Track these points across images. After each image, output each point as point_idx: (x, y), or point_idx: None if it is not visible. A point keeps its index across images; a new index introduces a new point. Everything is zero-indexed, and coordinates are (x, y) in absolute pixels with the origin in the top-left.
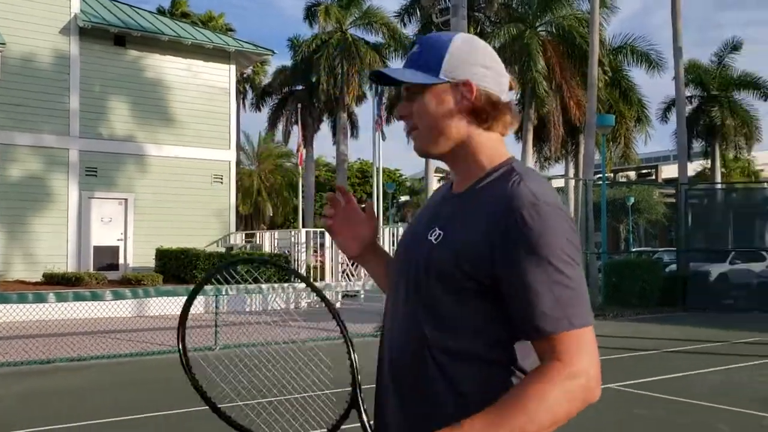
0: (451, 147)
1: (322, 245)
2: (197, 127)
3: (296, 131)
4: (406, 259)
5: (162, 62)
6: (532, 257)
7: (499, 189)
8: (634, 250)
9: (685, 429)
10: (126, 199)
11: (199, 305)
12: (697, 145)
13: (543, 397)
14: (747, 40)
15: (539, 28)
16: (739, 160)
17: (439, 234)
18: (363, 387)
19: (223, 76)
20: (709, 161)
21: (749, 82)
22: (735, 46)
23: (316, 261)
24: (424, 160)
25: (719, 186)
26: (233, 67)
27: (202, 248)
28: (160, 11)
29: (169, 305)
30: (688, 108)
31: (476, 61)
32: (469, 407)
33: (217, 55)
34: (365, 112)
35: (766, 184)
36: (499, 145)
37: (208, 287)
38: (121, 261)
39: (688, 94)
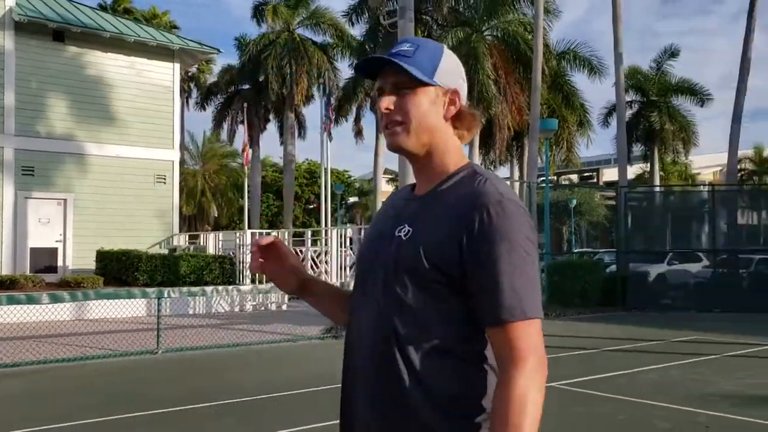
0: (429, 148)
1: None
2: (140, 126)
3: (242, 131)
4: (373, 259)
5: (103, 59)
6: (495, 250)
7: (465, 188)
8: (576, 251)
9: (623, 426)
10: (65, 200)
11: (140, 308)
12: (637, 149)
13: (527, 412)
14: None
15: (485, 33)
16: (677, 164)
17: (408, 231)
18: (320, 388)
19: (166, 74)
20: (649, 165)
21: (687, 88)
22: (673, 53)
23: None
24: (373, 161)
25: (657, 189)
26: (177, 66)
27: (145, 250)
28: (102, 7)
29: (111, 308)
30: (629, 113)
31: (459, 73)
32: (438, 402)
33: (161, 53)
34: (313, 112)
35: (702, 187)
36: (461, 151)
37: (150, 290)
38: (59, 263)
39: (629, 100)
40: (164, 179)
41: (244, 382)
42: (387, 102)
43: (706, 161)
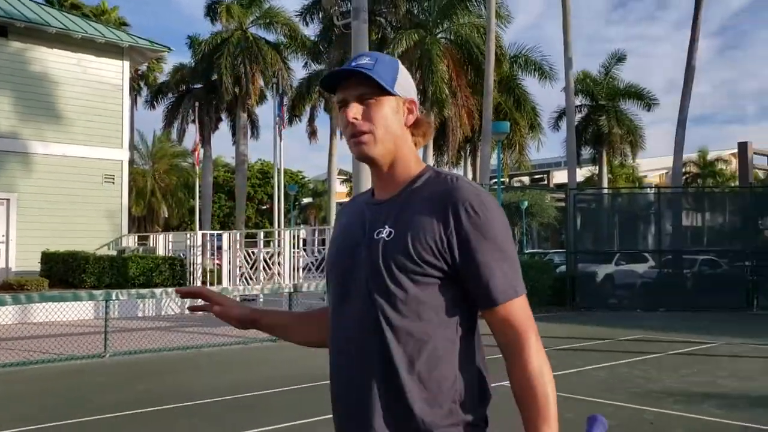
0: (394, 154)
1: (219, 248)
2: (87, 124)
3: (193, 130)
4: (351, 265)
5: (49, 56)
6: (483, 239)
7: (437, 186)
8: (527, 251)
9: (571, 423)
10: (8, 200)
11: (88, 311)
12: (586, 152)
13: (547, 382)
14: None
15: (439, 35)
16: (625, 167)
17: (390, 231)
18: (272, 391)
19: (115, 72)
20: (597, 167)
21: (634, 93)
22: (620, 58)
23: (213, 264)
24: (327, 162)
25: (606, 191)
26: (127, 63)
27: (92, 251)
28: (48, 1)
29: (56, 311)
30: (578, 117)
31: (412, 85)
32: (437, 389)
33: (110, 50)
34: (266, 111)
35: (648, 189)
36: (418, 155)
37: (97, 292)
38: (2, 265)
39: (578, 104)
40: (112, 179)
41: (194, 386)
42: (354, 112)
43: (653, 164)
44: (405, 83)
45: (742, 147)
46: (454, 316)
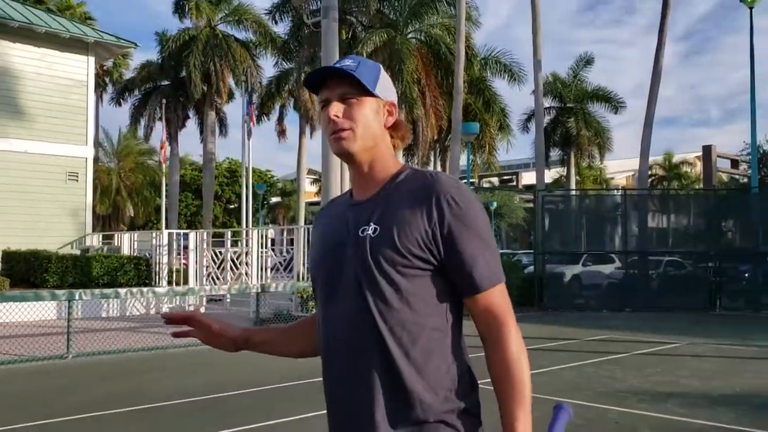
0: (373, 153)
1: (186, 247)
2: (51, 120)
3: (160, 128)
4: (337, 266)
5: (11, 50)
6: (465, 229)
7: (417, 181)
8: None
9: (537, 422)
10: None
11: (50, 311)
12: (555, 154)
13: (524, 368)
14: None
15: (409, 35)
16: (592, 169)
17: (375, 228)
18: (238, 392)
19: (80, 67)
20: (566, 169)
21: (602, 96)
22: (588, 61)
23: (180, 264)
24: (296, 161)
25: (573, 192)
26: (92, 59)
27: (55, 250)
28: None
29: (17, 311)
30: (547, 119)
31: (393, 89)
32: (435, 381)
33: (75, 45)
34: (235, 109)
35: (615, 191)
36: (395, 156)
37: (60, 292)
38: None
39: (547, 106)
40: (76, 177)
41: (158, 388)
42: (335, 110)
43: (620, 166)
44: (386, 86)
45: (707, 150)
46: (443, 306)
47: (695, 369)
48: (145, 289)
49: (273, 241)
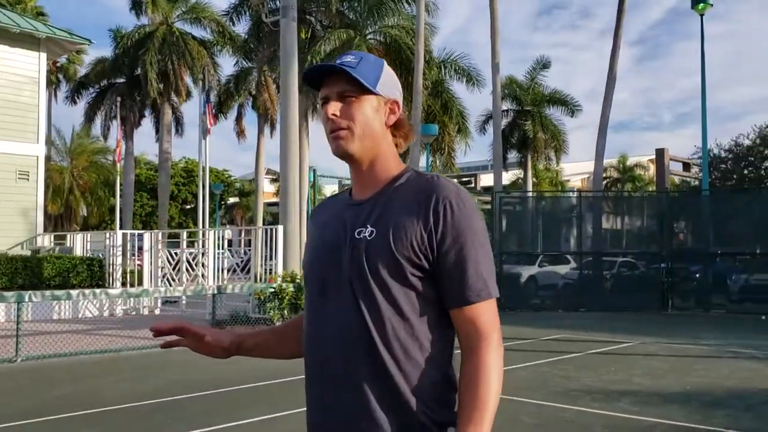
0: (373, 153)
1: (141, 248)
2: (1, 118)
3: (115, 126)
4: (330, 266)
5: None
6: (462, 238)
7: (418, 185)
8: None
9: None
10: None
11: None
12: (513, 156)
13: (494, 381)
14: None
15: (368, 36)
16: (549, 171)
17: (372, 231)
18: (191, 395)
19: (31, 64)
20: (523, 171)
21: (558, 99)
22: (544, 65)
23: (134, 265)
24: (255, 161)
25: (530, 194)
26: (44, 55)
27: (4, 251)
28: None
29: None
30: (505, 121)
31: (397, 86)
32: (424, 389)
33: (25, 40)
34: (192, 108)
35: (571, 193)
36: (398, 157)
37: (9, 293)
38: None
39: (505, 108)
40: (27, 175)
41: (110, 391)
42: (333, 108)
43: (576, 169)
44: (389, 83)
45: (660, 153)
46: (434, 316)
47: (647, 368)
48: (97, 291)
49: (230, 242)
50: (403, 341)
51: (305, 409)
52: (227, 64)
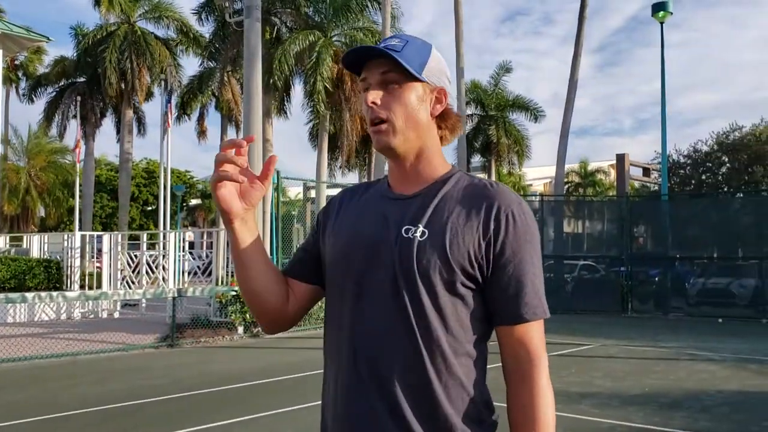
0: (417, 146)
1: (100, 250)
2: None
3: (74, 126)
4: (368, 262)
5: None
6: (522, 252)
7: (475, 189)
8: None
9: None
10: None
11: None
12: (476, 161)
13: (551, 408)
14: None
15: (334, 38)
16: (512, 175)
17: (424, 232)
18: (153, 399)
19: None
20: (486, 175)
21: (522, 105)
22: (507, 69)
23: (93, 267)
24: None
25: None
26: None
27: None
28: None
29: None
30: (469, 126)
31: (445, 73)
32: (461, 403)
33: None
34: (154, 109)
35: (533, 197)
36: (442, 152)
37: None
38: None
39: (469, 113)
40: None
41: (66, 396)
42: (373, 96)
43: (538, 173)
44: (436, 70)
45: (620, 159)
46: (477, 331)
47: (607, 370)
48: (54, 294)
49: (192, 244)
50: (446, 352)
51: (320, 411)
52: (191, 65)
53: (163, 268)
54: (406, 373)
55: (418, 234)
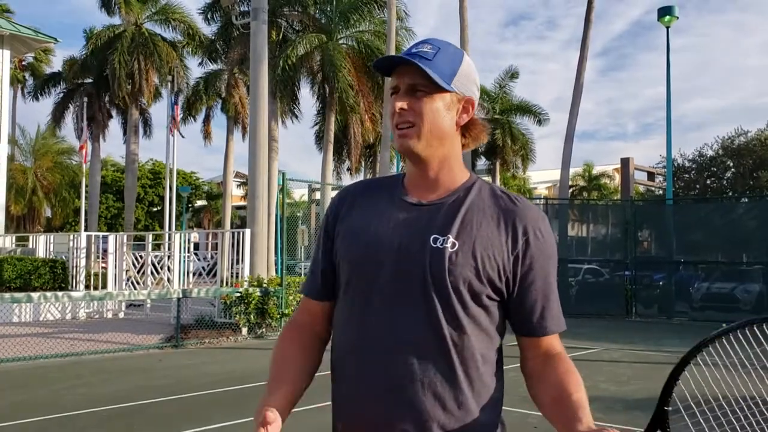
0: (440, 154)
1: (105, 251)
2: None
3: (82, 127)
4: (398, 270)
5: None
6: (547, 267)
7: (501, 203)
8: None
9: None
10: None
11: None
12: (481, 163)
13: (580, 380)
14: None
15: (340, 40)
16: (516, 178)
17: (454, 243)
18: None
19: None
20: (491, 178)
21: (526, 108)
22: (513, 75)
23: (99, 267)
24: (223, 163)
25: None
26: (8, 53)
27: None
28: None
29: None
30: None
31: (474, 81)
32: (487, 406)
33: None
34: (160, 110)
35: (538, 200)
36: (462, 160)
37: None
38: None
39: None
40: None
41: (73, 396)
42: (402, 102)
43: (542, 177)
44: (466, 79)
45: (625, 162)
46: (496, 338)
47: (612, 374)
48: (59, 293)
49: (197, 245)
50: (476, 360)
51: (330, 413)
52: (197, 67)
53: (168, 268)
54: (437, 381)
55: (448, 245)
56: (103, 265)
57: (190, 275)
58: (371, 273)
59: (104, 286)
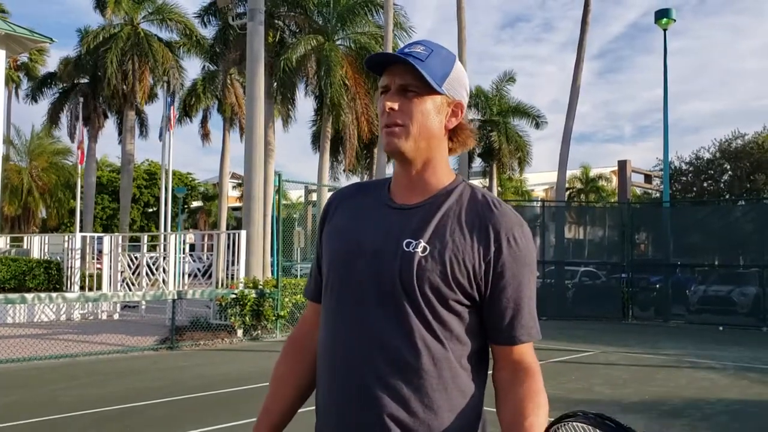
0: (426, 155)
1: (100, 251)
2: None
3: (77, 127)
4: (367, 274)
5: None
6: (521, 275)
7: (477, 207)
8: None
9: None
10: None
11: None
12: (477, 165)
13: (543, 403)
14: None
15: (338, 42)
16: (513, 180)
17: (426, 247)
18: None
19: None
20: (488, 180)
21: (523, 111)
22: (510, 78)
23: (94, 268)
24: (219, 164)
25: None
26: (2, 53)
27: None
28: None
29: None
30: None
31: (464, 86)
32: (457, 411)
33: None
34: (157, 110)
35: (535, 202)
36: (449, 163)
37: None
38: None
39: (471, 118)
40: None
41: (68, 397)
42: (392, 101)
43: (539, 179)
44: (457, 83)
45: (622, 165)
46: (471, 344)
47: (608, 377)
48: (54, 294)
49: (192, 246)
50: (446, 363)
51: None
52: (194, 67)
53: (164, 270)
54: (405, 383)
55: (419, 249)
56: (98, 266)
57: (186, 277)
58: (347, 274)
59: (99, 287)
